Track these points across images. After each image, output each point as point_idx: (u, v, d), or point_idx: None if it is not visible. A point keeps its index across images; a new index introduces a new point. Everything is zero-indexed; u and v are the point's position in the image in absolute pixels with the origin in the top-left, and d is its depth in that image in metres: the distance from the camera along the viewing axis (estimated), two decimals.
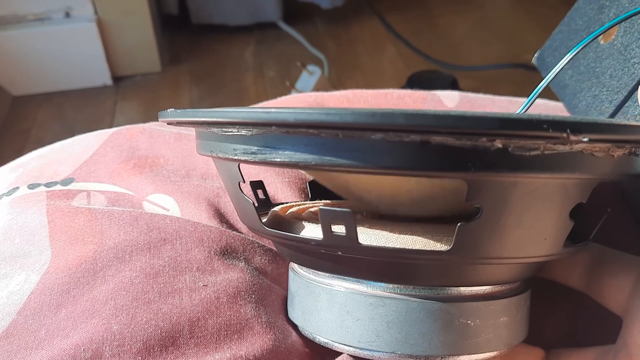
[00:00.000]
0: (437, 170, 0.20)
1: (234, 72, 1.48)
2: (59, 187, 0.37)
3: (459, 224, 0.22)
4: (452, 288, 0.25)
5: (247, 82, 1.43)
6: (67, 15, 1.38)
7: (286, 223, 0.28)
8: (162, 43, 1.52)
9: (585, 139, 0.19)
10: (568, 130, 0.18)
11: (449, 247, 0.22)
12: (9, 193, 0.37)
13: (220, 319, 0.29)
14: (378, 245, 0.24)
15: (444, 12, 1.66)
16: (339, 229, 0.23)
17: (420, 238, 0.24)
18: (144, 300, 0.29)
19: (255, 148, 0.22)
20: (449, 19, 1.63)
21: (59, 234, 0.32)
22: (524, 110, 0.34)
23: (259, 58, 1.52)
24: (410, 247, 0.24)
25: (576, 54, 0.35)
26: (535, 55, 0.46)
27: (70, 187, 0.37)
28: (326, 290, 0.27)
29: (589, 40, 0.35)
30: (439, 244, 0.24)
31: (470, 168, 0.20)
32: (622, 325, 0.28)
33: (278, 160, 0.21)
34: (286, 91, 1.22)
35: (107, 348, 0.27)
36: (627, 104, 0.35)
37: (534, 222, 0.23)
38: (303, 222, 0.27)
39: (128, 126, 0.44)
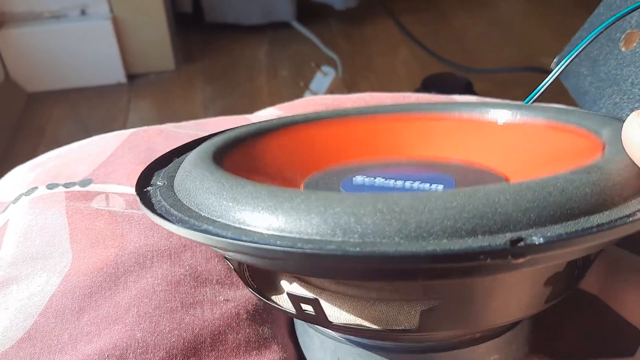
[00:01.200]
0: (392, 280, 0.21)
1: (247, 71, 1.48)
2: (77, 188, 0.37)
3: (421, 310, 0.22)
4: None
5: (260, 82, 1.43)
6: (83, 12, 1.39)
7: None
8: (176, 41, 1.52)
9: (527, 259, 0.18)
10: (509, 257, 0.17)
11: (415, 327, 0.22)
12: (27, 193, 0.37)
13: (240, 335, 0.29)
14: (348, 324, 0.24)
15: (458, 13, 1.66)
16: (309, 308, 0.23)
17: (387, 315, 0.24)
18: (167, 309, 0.29)
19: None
20: (462, 21, 1.62)
21: (80, 236, 0.33)
22: (531, 100, 0.34)
23: (272, 58, 1.52)
24: (377, 327, 0.24)
25: (585, 47, 0.35)
26: (554, 60, 0.46)
27: (88, 188, 0.37)
28: (318, 335, 0.27)
29: (599, 32, 0.35)
30: (406, 321, 0.23)
31: (419, 278, 0.20)
32: None
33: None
34: (299, 91, 1.22)
35: (131, 355, 0.27)
36: None
37: (502, 300, 0.22)
38: (281, 282, 0.27)
39: (145, 127, 0.44)
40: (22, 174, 0.40)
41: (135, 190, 0.25)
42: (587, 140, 0.26)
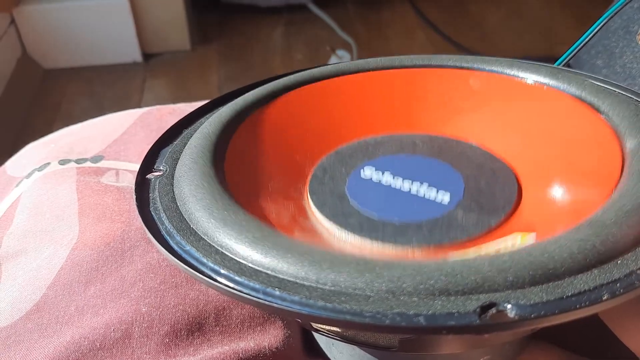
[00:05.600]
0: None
1: (262, 53, 1.48)
2: (88, 164, 0.37)
3: (399, 339, 0.22)
4: None
5: (275, 63, 1.43)
6: None
7: None
8: (192, 22, 1.52)
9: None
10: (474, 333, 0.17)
11: (395, 347, 0.22)
12: (40, 168, 0.37)
13: (244, 310, 0.29)
14: (332, 331, 0.24)
15: (477, 0, 1.64)
16: None
17: (368, 334, 0.24)
18: (172, 284, 0.29)
19: None
20: (481, 7, 1.61)
21: (88, 210, 0.33)
22: (562, 63, 0.32)
23: (287, 40, 1.52)
24: (360, 339, 0.24)
25: (597, 32, 0.34)
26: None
27: (99, 164, 0.37)
28: None
29: (609, 16, 0.34)
30: (386, 343, 0.23)
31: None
32: None
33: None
34: None
35: (137, 329, 0.28)
36: None
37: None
38: None
39: (158, 106, 0.44)
40: (36, 149, 0.41)
41: (137, 175, 0.25)
42: (610, 144, 0.24)
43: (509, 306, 0.17)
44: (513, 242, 0.20)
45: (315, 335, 0.28)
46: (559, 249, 0.18)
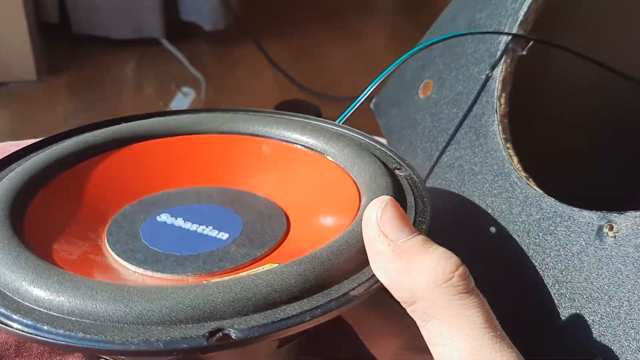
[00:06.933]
0: None
1: (113, 86, 1.47)
2: None
3: None
4: None
5: (125, 97, 1.43)
6: None
7: None
8: (39, 51, 1.48)
9: None
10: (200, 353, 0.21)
11: None
12: None
13: None
14: None
15: (325, 43, 1.73)
16: None
17: None
18: None
19: None
20: (327, 49, 1.70)
21: None
22: (342, 120, 0.39)
23: (139, 74, 1.52)
24: None
25: (377, 84, 0.41)
26: (373, 101, 0.52)
27: None
28: None
29: (405, 59, 0.41)
30: None
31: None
32: None
33: None
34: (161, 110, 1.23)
35: None
36: (431, 153, 0.42)
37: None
38: None
39: None
40: None
41: None
42: (354, 199, 0.30)
43: (232, 330, 0.21)
44: (262, 270, 0.25)
45: None
46: (280, 283, 0.23)
